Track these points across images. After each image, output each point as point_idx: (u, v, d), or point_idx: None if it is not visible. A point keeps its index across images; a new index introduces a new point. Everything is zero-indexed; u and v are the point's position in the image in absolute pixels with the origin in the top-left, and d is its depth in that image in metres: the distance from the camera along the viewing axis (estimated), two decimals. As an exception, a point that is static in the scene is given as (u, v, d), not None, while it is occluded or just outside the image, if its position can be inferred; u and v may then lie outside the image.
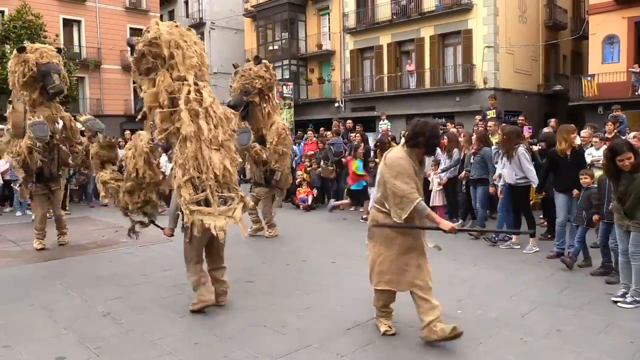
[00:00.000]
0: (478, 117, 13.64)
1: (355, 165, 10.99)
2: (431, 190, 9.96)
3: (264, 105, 9.02)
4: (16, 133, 8.04)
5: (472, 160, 8.87)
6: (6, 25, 24.16)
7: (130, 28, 33.77)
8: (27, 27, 23.81)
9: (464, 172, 9.29)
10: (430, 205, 9.08)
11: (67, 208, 11.46)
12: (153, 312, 5.24)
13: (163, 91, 5.31)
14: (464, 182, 9.54)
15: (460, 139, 9.90)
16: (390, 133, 14.82)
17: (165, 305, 5.45)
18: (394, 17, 25.60)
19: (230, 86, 9.16)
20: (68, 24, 31.52)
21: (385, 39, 26.34)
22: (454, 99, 23.44)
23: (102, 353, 4.25)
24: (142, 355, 4.21)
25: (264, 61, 9.19)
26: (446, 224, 4.30)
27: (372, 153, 11.93)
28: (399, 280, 4.36)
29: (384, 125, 16.90)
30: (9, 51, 23.24)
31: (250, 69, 8.86)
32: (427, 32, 24.53)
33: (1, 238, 9.47)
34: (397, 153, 4.36)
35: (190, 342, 4.45)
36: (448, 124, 14.33)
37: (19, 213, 12.51)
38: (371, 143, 13.90)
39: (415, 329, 4.49)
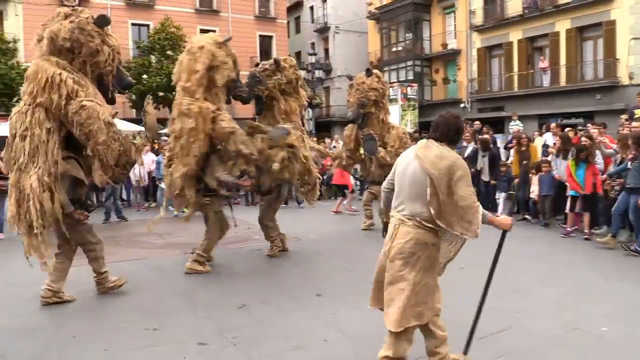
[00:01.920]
0: (624, 117, 12.41)
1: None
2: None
3: (379, 112, 9.70)
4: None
5: (629, 166, 7.99)
6: (151, 38, 26.57)
7: (260, 35, 35.50)
8: (169, 38, 25.99)
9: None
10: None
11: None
12: (283, 307, 5.41)
13: None
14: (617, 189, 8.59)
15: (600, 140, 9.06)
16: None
17: (294, 301, 5.61)
18: (526, 11, 24.21)
19: (348, 100, 9.93)
20: (204, 34, 33.79)
21: (515, 35, 25.02)
22: (593, 97, 21.57)
23: (239, 343, 4.46)
24: (276, 348, 4.36)
25: (375, 72, 9.85)
26: (505, 221, 3.68)
27: (502, 155, 11.38)
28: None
29: (515, 126, 16.02)
30: (154, 61, 25.61)
31: (363, 82, 9.52)
32: (562, 25, 22.88)
33: (148, 231, 10.36)
34: (442, 149, 3.50)
35: (320, 339, 4.53)
36: (588, 125, 13.21)
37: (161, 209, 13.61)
38: (500, 145, 13.27)
39: None
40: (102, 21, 5.66)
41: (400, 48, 30.82)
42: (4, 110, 23.18)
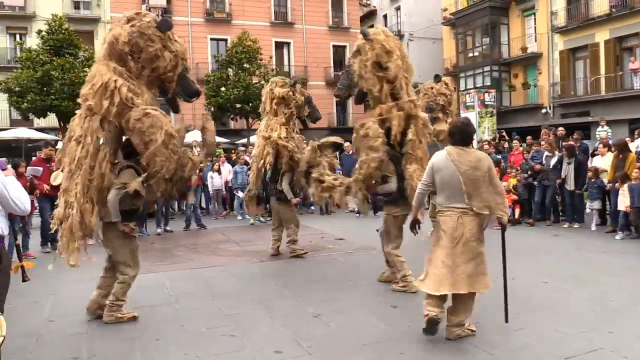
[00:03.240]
0: None
1: None
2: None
3: (445, 119, 9.43)
4: None
5: None
6: (229, 52, 27.49)
7: (333, 46, 35.81)
8: (246, 51, 26.76)
9: None
10: None
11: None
12: (358, 317, 5.35)
13: None
14: None
15: None
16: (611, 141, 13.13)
17: (370, 311, 5.53)
18: (613, 10, 22.89)
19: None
20: (279, 46, 34.66)
21: (602, 36, 23.70)
22: (691, 99, 20.03)
23: (314, 352, 4.45)
24: (351, 359, 4.31)
25: (443, 79, 9.79)
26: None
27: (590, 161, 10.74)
28: None
29: (602, 132, 15.10)
30: (232, 74, 26.46)
31: (432, 88, 9.48)
32: (655, 23, 21.45)
33: (226, 239, 10.66)
34: (475, 152, 4.64)
35: (396, 351, 4.43)
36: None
37: (239, 217, 14.00)
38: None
39: None
40: (164, 25, 5.36)
41: (477, 53, 30.06)
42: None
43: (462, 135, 4.55)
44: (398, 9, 39.10)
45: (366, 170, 6.18)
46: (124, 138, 5.44)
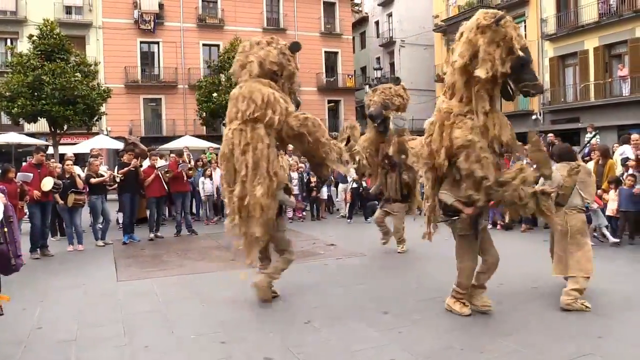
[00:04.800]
0: None
1: None
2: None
3: None
4: None
5: None
6: (221, 57, 27.49)
7: (325, 52, 35.93)
8: (238, 57, 26.71)
9: None
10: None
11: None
12: (349, 324, 5.35)
13: None
14: None
15: None
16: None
17: (361, 318, 5.53)
18: (602, 17, 23.13)
19: (370, 100, 9.48)
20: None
21: (591, 43, 23.95)
22: (679, 106, 20.26)
23: (304, 359, 4.44)
24: (341, 365, 4.31)
25: (402, 83, 9.76)
26: None
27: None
28: None
29: (592, 138, 15.20)
30: (224, 80, 26.46)
31: (390, 88, 9.39)
32: (643, 31, 21.70)
33: (217, 244, 10.63)
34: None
35: (387, 357, 4.43)
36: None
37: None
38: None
39: None
40: (296, 47, 6.31)
41: (467, 60, 30.20)
42: (85, 128, 24.72)
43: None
44: (390, 15, 39.33)
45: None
46: None
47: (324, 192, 14.96)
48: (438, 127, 5.40)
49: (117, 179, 10.98)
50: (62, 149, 22.59)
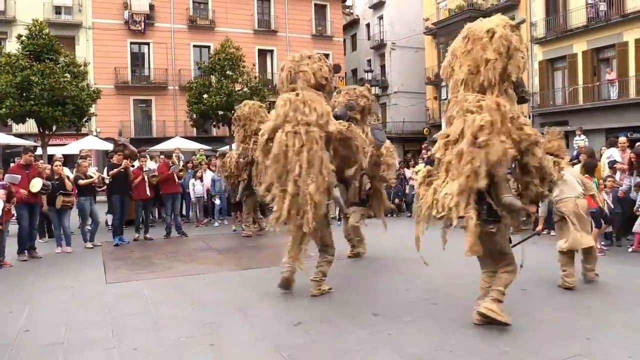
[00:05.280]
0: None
1: None
2: None
3: (362, 125, 8.95)
4: None
5: None
6: (212, 59, 27.43)
7: (316, 53, 35.87)
8: (229, 59, 26.71)
9: None
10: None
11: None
12: (339, 326, 5.35)
13: None
14: None
15: None
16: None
17: (350, 319, 5.53)
18: (591, 21, 23.36)
19: (335, 101, 9.15)
20: (262, 53, 34.73)
21: (579, 47, 24.18)
22: (666, 110, 20.50)
23: (294, 361, 4.44)
24: (331, 368, 4.31)
25: (366, 84, 9.90)
26: None
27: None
28: None
29: (580, 141, 15.37)
30: (214, 81, 26.40)
31: (355, 89, 9.41)
32: (631, 35, 21.97)
33: (206, 246, 10.59)
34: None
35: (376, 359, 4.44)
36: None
37: (216, 224, 13.96)
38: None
39: None
40: (338, 69, 7.31)
41: (458, 63, 30.37)
42: (74, 129, 24.53)
43: None
44: (381, 18, 39.46)
45: None
46: None
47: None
48: (500, 124, 4.86)
49: (106, 181, 10.91)
50: (51, 150, 22.42)
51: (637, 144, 10.99)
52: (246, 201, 11.94)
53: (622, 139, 11.25)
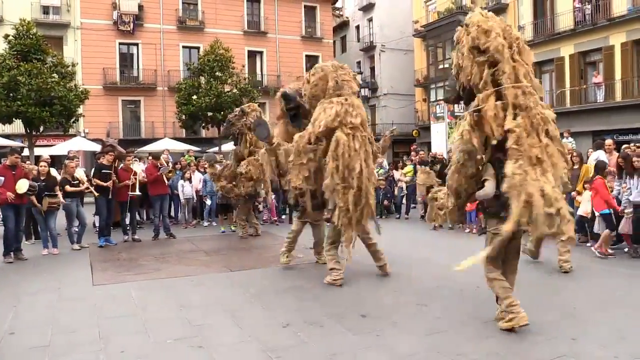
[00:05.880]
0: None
1: None
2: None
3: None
4: None
5: None
6: (201, 60, 27.35)
7: (306, 55, 35.95)
8: (218, 60, 26.65)
9: None
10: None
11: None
12: (328, 327, 5.35)
13: None
14: None
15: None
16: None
17: (339, 321, 5.53)
18: (578, 25, 23.60)
19: (288, 87, 8.95)
20: (252, 55, 34.67)
21: (567, 50, 24.42)
22: (651, 113, 20.74)
23: (283, 362, 4.43)
24: (319, 369, 4.31)
25: (354, 72, 10.15)
26: None
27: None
28: None
29: (568, 143, 15.48)
30: (204, 82, 26.33)
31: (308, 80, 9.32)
32: (617, 39, 22.20)
33: (195, 248, 10.55)
34: None
35: (365, 361, 4.45)
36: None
37: (205, 224, 13.92)
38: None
39: None
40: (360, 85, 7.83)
41: (447, 65, 30.51)
42: (62, 130, 24.32)
43: None
44: (370, 20, 39.58)
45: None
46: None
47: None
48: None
49: (93, 190, 10.81)
50: (38, 151, 22.21)
51: (623, 146, 11.11)
52: (240, 205, 11.99)
53: (609, 142, 11.35)
